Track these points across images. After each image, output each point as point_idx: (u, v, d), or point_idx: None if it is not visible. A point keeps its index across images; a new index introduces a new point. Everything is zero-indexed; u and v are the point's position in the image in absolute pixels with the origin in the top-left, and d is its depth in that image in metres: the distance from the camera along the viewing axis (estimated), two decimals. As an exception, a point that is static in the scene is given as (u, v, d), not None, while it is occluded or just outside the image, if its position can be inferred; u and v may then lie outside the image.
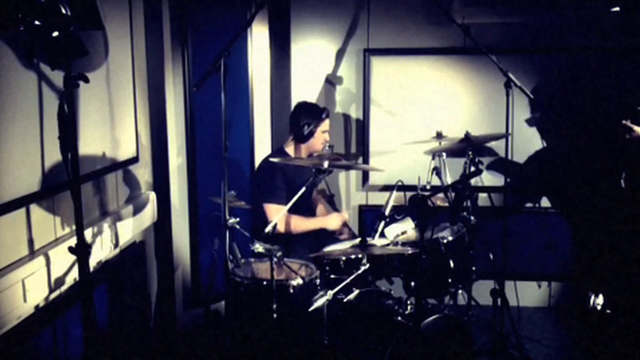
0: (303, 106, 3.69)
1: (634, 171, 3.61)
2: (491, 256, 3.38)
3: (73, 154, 1.93)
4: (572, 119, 4.14)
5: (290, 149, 3.68)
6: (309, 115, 3.59)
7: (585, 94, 4.10)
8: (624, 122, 3.45)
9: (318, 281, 2.98)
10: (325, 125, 3.63)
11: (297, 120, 3.60)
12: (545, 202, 4.28)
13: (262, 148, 4.21)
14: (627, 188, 3.65)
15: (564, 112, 4.14)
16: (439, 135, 3.68)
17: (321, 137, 3.63)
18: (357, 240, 2.98)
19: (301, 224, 3.52)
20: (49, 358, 2.37)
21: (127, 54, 3.06)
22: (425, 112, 4.22)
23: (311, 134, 3.59)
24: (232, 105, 3.71)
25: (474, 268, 3.39)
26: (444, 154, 3.58)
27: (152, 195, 3.33)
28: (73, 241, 2.01)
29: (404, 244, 3.21)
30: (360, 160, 4.32)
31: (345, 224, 3.67)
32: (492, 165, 4.20)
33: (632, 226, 3.67)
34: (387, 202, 3.14)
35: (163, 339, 3.59)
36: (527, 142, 4.19)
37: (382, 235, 3.21)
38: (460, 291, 3.46)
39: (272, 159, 3.45)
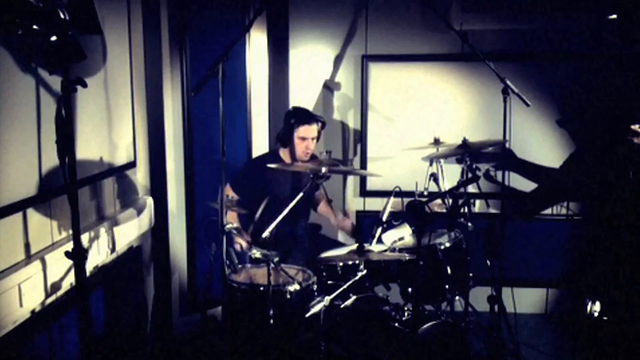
0: (291, 109, 3.70)
1: None
2: (488, 262, 3.38)
3: (70, 159, 1.93)
4: (574, 125, 4.15)
5: (284, 154, 3.70)
6: (288, 118, 3.59)
7: (585, 99, 4.11)
8: (632, 127, 3.49)
9: (315, 287, 2.98)
10: (302, 131, 3.52)
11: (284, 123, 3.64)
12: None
13: (260, 153, 4.20)
14: (635, 190, 3.67)
15: (565, 118, 4.15)
16: (437, 142, 3.69)
17: (299, 143, 3.54)
18: (355, 246, 2.98)
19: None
20: (44, 363, 2.36)
21: (125, 58, 3.06)
22: (423, 118, 4.22)
23: (287, 138, 3.59)
24: (230, 110, 3.71)
25: (471, 274, 3.39)
26: (442, 160, 3.58)
27: (149, 200, 3.33)
28: (70, 246, 2.00)
29: (401, 250, 3.21)
30: (357, 166, 4.32)
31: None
32: (487, 175, 4.21)
33: (634, 231, 3.68)
34: (385, 208, 3.14)
35: (160, 344, 3.57)
36: (525, 148, 4.20)
37: (380, 241, 3.21)
38: (457, 297, 3.46)
39: (269, 165, 3.44)
